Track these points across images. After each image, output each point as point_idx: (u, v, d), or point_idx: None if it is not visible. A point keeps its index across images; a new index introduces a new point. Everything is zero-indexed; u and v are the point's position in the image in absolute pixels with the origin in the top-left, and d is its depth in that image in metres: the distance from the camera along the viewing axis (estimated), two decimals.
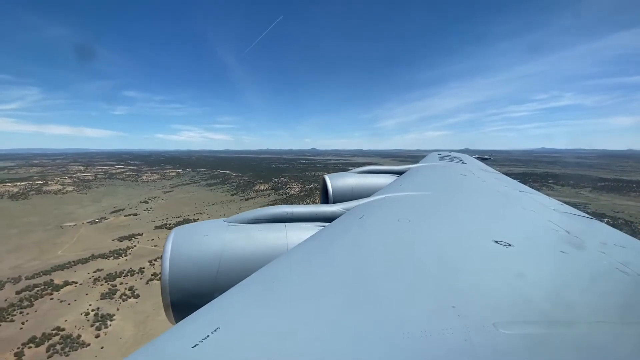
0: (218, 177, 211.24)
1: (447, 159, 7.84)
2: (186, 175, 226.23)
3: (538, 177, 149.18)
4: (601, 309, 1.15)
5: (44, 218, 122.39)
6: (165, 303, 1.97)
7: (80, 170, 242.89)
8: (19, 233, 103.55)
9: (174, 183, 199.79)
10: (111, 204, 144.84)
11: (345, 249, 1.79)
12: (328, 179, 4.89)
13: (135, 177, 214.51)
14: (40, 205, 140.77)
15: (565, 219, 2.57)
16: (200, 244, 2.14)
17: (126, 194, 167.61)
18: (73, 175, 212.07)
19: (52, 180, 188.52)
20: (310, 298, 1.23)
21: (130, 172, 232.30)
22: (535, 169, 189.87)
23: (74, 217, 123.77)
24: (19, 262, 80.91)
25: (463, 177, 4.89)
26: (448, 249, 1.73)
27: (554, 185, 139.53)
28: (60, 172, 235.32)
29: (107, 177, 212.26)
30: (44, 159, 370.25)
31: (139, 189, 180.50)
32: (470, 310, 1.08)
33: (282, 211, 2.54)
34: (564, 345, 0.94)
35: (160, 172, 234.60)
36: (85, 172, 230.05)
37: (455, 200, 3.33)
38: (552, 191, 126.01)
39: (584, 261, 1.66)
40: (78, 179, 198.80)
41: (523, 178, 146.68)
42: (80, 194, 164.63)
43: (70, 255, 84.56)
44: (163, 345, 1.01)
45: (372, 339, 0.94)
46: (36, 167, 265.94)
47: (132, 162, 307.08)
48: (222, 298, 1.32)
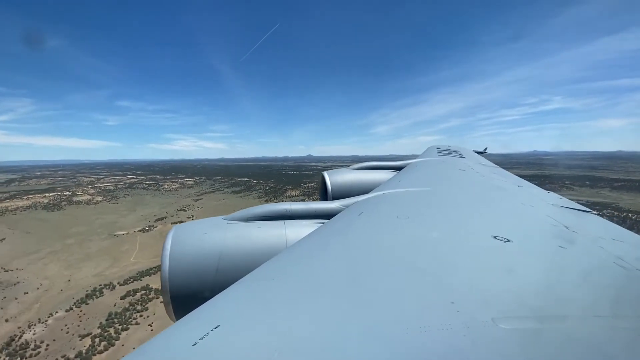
0: (239, 185, 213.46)
1: (447, 153, 7.71)
2: (204, 184, 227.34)
3: (552, 179, 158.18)
4: (599, 303, 1.17)
5: (90, 227, 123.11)
6: (165, 300, 2.00)
7: (92, 180, 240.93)
8: (78, 243, 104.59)
9: (197, 191, 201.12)
10: (149, 212, 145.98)
11: (344, 246, 1.79)
12: (327, 175, 4.88)
13: (157, 186, 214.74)
14: (79, 215, 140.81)
15: (564, 214, 2.61)
16: (200, 241, 2.15)
17: (157, 202, 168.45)
18: (94, 186, 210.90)
19: (78, 190, 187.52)
20: (310, 295, 1.23)
21: (150, 181, 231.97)
22: (542, 171, 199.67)
23: (120, 226, 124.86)
24: (99, 270, 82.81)
25: (462, 172, 4.89)
26: (447, 245, 1.74)
27: (572, 186, 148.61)
28: (72, 182, 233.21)
29: (127, 187, 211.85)
30: (45, 171, 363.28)
31: (166, 198, 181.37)
32: (469, 306, 1.08)
33: (281, 208, 2.56)
34: (563, 339, 0.95)
35: (178, 181, 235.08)
36: (99, 182, 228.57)
37: (454, 196, 3.35)
38: (573, 192, 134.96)
39: (583, 256, 1.68)
40: (101, 189, 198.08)
41: (539, 180, 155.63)
42: (111, 204, 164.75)
43: (144, 262, 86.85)
44: (163, 342, 1.01)
45: (372, 336, 0.95)
46: (45, 179, 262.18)
47: (139, 172, 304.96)
48: (222, 295, 1.32)
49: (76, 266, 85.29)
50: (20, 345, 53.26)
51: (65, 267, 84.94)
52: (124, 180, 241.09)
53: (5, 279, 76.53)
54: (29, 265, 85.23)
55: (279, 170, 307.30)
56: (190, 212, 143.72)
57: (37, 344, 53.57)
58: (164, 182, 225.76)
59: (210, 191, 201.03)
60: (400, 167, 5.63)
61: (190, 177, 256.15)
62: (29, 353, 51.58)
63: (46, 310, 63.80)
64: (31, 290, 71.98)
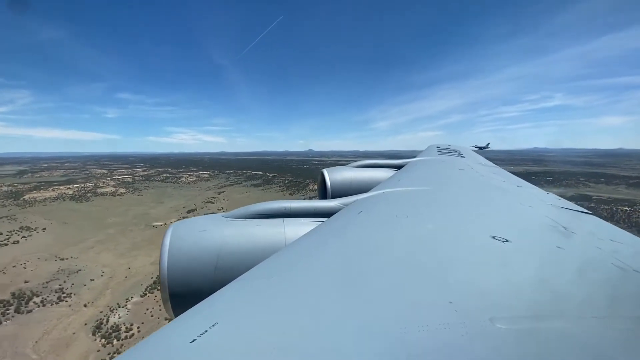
0: (255, 178, 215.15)
1: (446, 152, 7.76)
2: (219, 177, 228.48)
3: (567, 176, 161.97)
4: (597, 303, 1.17)
5: (125, 218, 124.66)
6: (164, 298, 1.99)
7: (104, 173, 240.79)
8: (120, 233, 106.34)
9: (215, 184, 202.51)
10: (176, 204, 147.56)
11: (343, 244, 1.79)
12: (327, 173, 4.87)
13: (174, 178, 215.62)
14: (108, 206, 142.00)
15: (562, 214, 2.62)
16: (199, 239, 2.14)
17: (180, 195, 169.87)
18: (113, 178, 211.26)
19: (99, 182, 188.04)
20: (308, 293, 1.24)
21: (166, 174, 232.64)
22: (552, 168, 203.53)
23: (154, 217, 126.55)
24: (153, 259, 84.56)
25: (461, 172, 4.89)
26: (445, 244, 1.74)
27: (587, 183, 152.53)
28: (86, 175, 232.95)
29: (144, 180, 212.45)
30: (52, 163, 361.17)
31: (188, 190, 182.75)
32: (467, 305, 1.08)
33: (280, 206, 2.56)
34: (561, 340, 0.95)
35: (193, 174, 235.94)
36: (113, 175, 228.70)
37: (453, 195, 3.34)
38: (590, 188, 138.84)
39: (580, 256, 1.69)
40: (120, 181, 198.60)
41: (554, 177, 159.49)
42: (135, 196, 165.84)
43: None
44: (162, 339, 1.02)
45: (370, 334, 0.95)
46: (56, 171, 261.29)
47: (148, 165, 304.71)
48: (221, 293, 1.32)
49: (128, 255, 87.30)
50: (112, 328, 55.64)
51: (118, 256, 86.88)
52: (137, 172, 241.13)
53: (65, 267, 78.39)
54: (82, 254, 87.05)
55: (287, 164, 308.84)
56: (218, 205, 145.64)
57: (127, 326, 56.00)
58: (181, 175, 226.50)
59: (229, 184, 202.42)
60: (400, 166, 5.63)
61: (202, 170, 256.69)
62: (122, 335, 54.02)
63: (120, 295, 66.08)
64: (96, 277, 74.04)
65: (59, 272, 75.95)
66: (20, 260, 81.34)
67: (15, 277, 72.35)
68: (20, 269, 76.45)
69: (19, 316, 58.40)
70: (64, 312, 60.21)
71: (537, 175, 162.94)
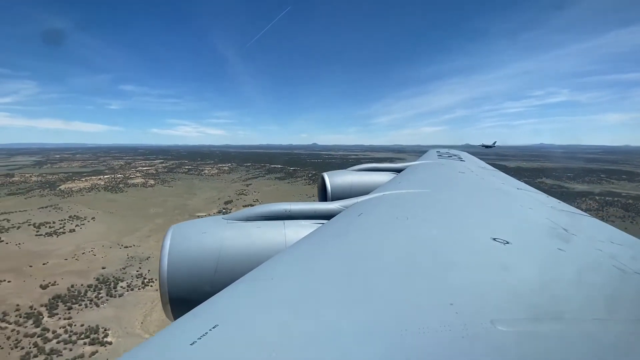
0: (276, 172, 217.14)
1: (446, 156, 7.83)
2: (240, 170, 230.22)
3: (588, 173, 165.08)
4: (597, 305, 1.17)
5: (165, 209, 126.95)
6: (164, 300, 1.98)
7: (122, 164, 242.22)
8: (168, 223, 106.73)
9: (239, 177, 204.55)
10: (210, 196, 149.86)
11: (343, 246, 1.79)
12: (327, 176, 4.91)
13: (197, 171, 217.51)
14: (145, 197, 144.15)
15: (563, 217, 2.63)
16: (199, 241, 2.14)
17: (209, 187, 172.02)
18: (137, 169, 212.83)
19: (124, 174, 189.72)
20: (309, 296, 1.23)
21: (188, 166, 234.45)
22: (565, 165, 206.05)
23: (193, 208, 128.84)
24: None
25: (461, 175, 4.93)
26: (446, 246, 1.74)
27: (609, 179, 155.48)
28: (104, 166, 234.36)
29: (167, 171, 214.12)
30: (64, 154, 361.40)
31: (215, 183, 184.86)
32: (468, 307, 1.08)
33: (280, 208, 2.55)
34: (562, 341, 0.96)
35: (214, 166, 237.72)
36: (131, 167, 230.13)
37: (453, 198, 3.35)
38: (614, 185, 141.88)
39: (581, 258, 1.70)
40: (145, 173, 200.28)
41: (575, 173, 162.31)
42: (167, 187, 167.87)
43: None
44: (162, 342, 1.01)
45: (371, 337, 0.95)
46: (75, 162, 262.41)
47: (164, 157, 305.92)
48: (221, 295, 1.31)
49: None
50: None
51: None
52: (156, 164, 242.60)
53: (133, 254, 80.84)
54: (142, 243, 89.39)
55: (299, 157, 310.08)
56: (252, 197, 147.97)
57: None
58: (203, 168, 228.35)
59: (253, 177, 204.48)
60: (400, 170, 5.70)
61: (219, 163, 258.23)
62: None
63: None
64: None
65: (129, 258, 78.40)
66: (86, 247, 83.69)
67: (89, 263, 74.77)
68: (90, 256, 78.84)
69: (113, 300, 60.95)
70: (155, 296, 62.80)
71: (556, 171, 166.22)
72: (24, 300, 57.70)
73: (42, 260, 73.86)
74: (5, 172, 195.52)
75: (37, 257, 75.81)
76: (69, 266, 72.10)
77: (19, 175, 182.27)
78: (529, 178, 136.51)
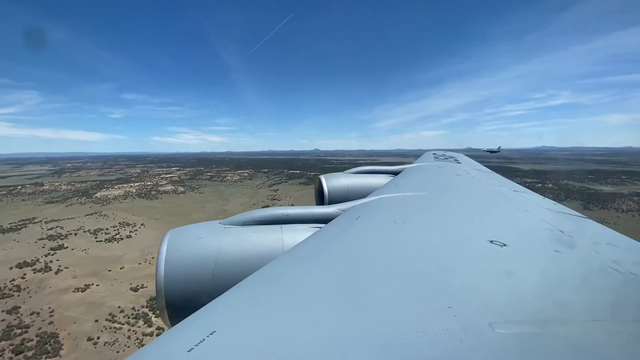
0: (296, 177, 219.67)
1: (442, 158, 7.83)
2: (259, 176, 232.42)
3: (608, 175, 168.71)
4: (595, 307, 1.18)
5: (207, 214, 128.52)
6: (160, 306, 1.95)
7: (138, 172, 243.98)
8: None
9: (262, 183, 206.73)
10: (243, 201, 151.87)
11: (341, 250, 1.78)
12: (324, 179, 4.88)
13: (220, 177, 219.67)
14: (182, 203, 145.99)
15: (559, 219, 2.63)
16: (196, 246, 2.12)
17: (239, 193, 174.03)
18: (161, 177, 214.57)
19: (153, 181, 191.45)
20: (307, 300, 1.23)
21: (211, 173, 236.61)
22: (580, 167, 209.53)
23: (233, 213, 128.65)
24: None
25: (458, 177, 4.94)
26: (444, 249, 1.74)
27: (633, 181, 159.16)
28: (121, 174, 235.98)
29: (190, 179, 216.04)
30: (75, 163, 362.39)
31: (242, 189, 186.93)
32: (466, 310, 1.08)
33: (278, 213, 2.54)
34: (560, 344, 0.96)
35: (234, 173, 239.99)
36: (147, 174, 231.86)
37: (450, 200, 3.36)
38: (638, 187, 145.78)
39: (578, 260, 1.70)
40: (169, 180, 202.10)
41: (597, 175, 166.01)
42: (197, 194, 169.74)
43: None
44: (159, 349, 1.00)
45: (369, 341, 0.95)
46: (92, 170, 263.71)
47: (176, 165, 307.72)
48: (218, 301, 1.30)
49: None
50: None
51: None
52: (172, 171, 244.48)
53: None
54: None
55: (309, 163, 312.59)
56: (286, 202, 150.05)
57: None
58: (225, 174, 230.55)
59: (276, 182, 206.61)
60: (397, 172, 5.72)
61: (234, 169, 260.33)
62: None
63: None
64: None
65: None
66: (151, 252, 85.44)
67: None
68: None
69: None
70: None
71: (575, 173, 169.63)
72: (122, 302, 59.36)
73: (116, 265, 75.54)
74: (23, 181, 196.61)
75: (110, 262, 77.47)
76: (146, 270, 73.72)
77: (49, 184, 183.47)
78: (551, 182, 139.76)
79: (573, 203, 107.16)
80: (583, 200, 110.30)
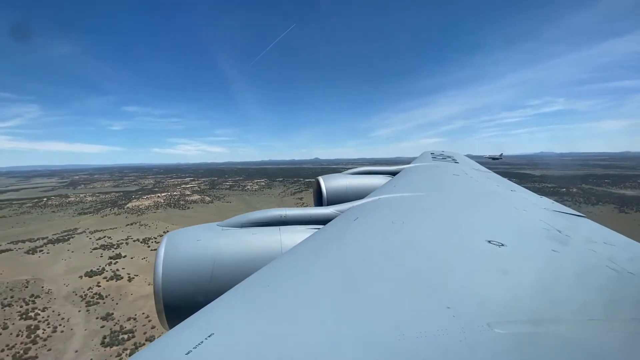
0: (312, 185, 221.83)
1: (440, 158, 7.79)
2: (277, 185, 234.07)
3: (622, 179, 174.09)
4: (593, 306, 1.18)
5: None
6: (158, 309, 1.95)
7: (152, 182, 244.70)
8: None
9: (282, 192, 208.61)
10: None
11: (339, 251, 1.78)
12: (322, 180, 4.86)
13: (240, 186, 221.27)
14: (214, 212, 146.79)
15: (557, 218, 2.65)
16: (194, 248, 2.12)
17: (265, 201, 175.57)
18: (180, 187, 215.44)
19: (179, 191, 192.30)
20: (305, 301, 1.23)
21: (230, 182, 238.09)
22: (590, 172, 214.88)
23: None
24: None
25: (456, 177, 4.94)
26: (442, 249, 1.74)
27: None
28: (135, 185, 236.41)
29: (210, 188, 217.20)
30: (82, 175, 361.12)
31: (265, 197, 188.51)
32: (465, 310, 1.09)
33: (276, 214, 2.54)
34: (558, 343, 0.96)
35: (253, 182, 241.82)
36: (162, 185, 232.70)
37: (448, 200, 3.36)
38: None
39: (575, 259, 1.71)
40: (192, 190, 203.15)
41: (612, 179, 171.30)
42: (225, 203, 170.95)
43: None
44: (156, 352, 0.99)
45: (368, 342, 0.95)
46: (105, 182, 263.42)
47: (187, 176, 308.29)
48: (216, 303, 1.30)
49: None
50: None
51: None
52: (186, 182, 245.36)
53: None
54: None
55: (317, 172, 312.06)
56: None
57: None
58: (245, 184, 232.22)
59: (296, 191, 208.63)
60: (395, 172, 5.71)
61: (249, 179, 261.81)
62: None
63: None
64: None
65: None
66: None
67: None
68: None
69: None
70: None
71: (591, 177, 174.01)
72: None
73: None
74: (38, 194, 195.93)
75: None
76: None
77: (74, 196, 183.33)
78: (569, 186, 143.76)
79: (607, 207, 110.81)
80: (616, 204, 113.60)
